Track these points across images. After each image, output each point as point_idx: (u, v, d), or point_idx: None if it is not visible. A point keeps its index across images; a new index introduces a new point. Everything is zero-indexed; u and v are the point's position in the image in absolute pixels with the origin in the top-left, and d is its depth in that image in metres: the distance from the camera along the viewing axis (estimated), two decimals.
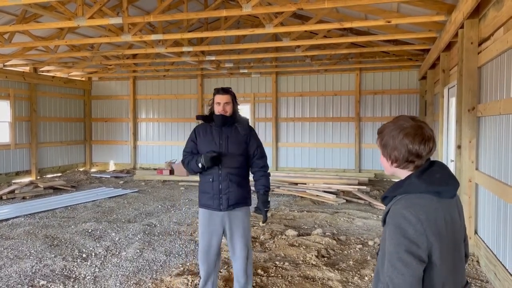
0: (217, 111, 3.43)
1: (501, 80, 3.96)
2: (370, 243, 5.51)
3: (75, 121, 13.97)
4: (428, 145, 1.61)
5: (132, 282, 4.29)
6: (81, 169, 13.88)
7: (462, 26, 4.92)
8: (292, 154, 12.69)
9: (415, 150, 1.60)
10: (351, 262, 4.80)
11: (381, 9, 6.86)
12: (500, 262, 3.92)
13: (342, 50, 9.33)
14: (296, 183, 9.85)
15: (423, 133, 1.60)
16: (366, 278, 4.32)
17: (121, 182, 11.20)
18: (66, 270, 4.64)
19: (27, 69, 12.08)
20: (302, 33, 9.19)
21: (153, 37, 7.50)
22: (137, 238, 5.84)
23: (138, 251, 5.25)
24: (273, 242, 5.53)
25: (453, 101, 6.45)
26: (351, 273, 4.44)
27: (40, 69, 12.40)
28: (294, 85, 12.65)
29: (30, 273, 4.54)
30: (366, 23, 6.79)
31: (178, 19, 8.67)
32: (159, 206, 8.06)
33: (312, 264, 4.70)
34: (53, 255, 5.11)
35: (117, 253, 5.22)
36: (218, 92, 3.45)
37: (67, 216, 7.26)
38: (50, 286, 4.20)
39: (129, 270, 4.64)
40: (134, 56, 11.97)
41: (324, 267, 4.57)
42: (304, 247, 5.29)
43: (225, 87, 3.49)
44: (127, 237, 5.90)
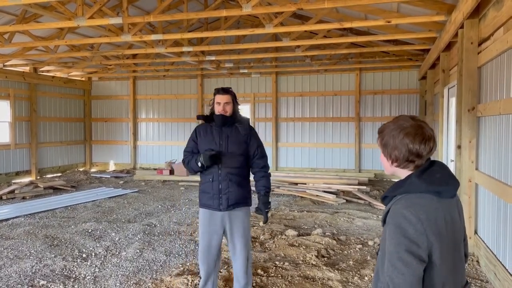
0: (217, 111, 3.43)
1: (501, 80, 3.96)
2: (370, 243, 5.51)
3: (75, 121, 13.97)
4: (429, 145, 1.61)
5: (132, 282, 4.29)
6: (81, 169, 13.87)
7: (462, 26, 4.92)
8: (292, 154, 12.69)
9: (416, 150, 1.60)
10: (351, 262, 4.80)
11: (381, 9, 6.86)
12: (500, 262, 3.92)
13: (342, 50, 9.33)
14: (296, 183, 9.85)
15: (424, 133, 1.60)
16: (366, 278, 4.32)
17: (121, 182, 11.20)
18: (66, 270, 4.64)
19: (27, 69, 12.08)
20: (302, 33, 9.19)
21: (153, 37, 7.50)
22: (137, 238, 5.84)
23: (138, 251, 5.25)
24: (273, 242, 5.53)
25: (453, 101, 6.45)
26: (351, 273, 4.45)
27: (40, 69, 12.40)
28: (294, 85, 12.65)
29: (30, 273, 4.54)
30: (366, 23, 6.80)
31: (178, 19, 8.67)
32: (159, 206, 8.06)
33: (312, 264, 4.70)
34: (53, 255, 5.11)
35: (117, 253, 5.22)
36: (218, 92, 3.46)
37: (67, 216, 7.26)
38: (50, 286, 4.20)
39: (129, 270, 4.64)
40: (134, 56, 11.97)
41: (324, 267, 4.58)
42: (304, 247, 5.29)
43: (225, 87, 3.50)
44: (127, 237, 5.90)
